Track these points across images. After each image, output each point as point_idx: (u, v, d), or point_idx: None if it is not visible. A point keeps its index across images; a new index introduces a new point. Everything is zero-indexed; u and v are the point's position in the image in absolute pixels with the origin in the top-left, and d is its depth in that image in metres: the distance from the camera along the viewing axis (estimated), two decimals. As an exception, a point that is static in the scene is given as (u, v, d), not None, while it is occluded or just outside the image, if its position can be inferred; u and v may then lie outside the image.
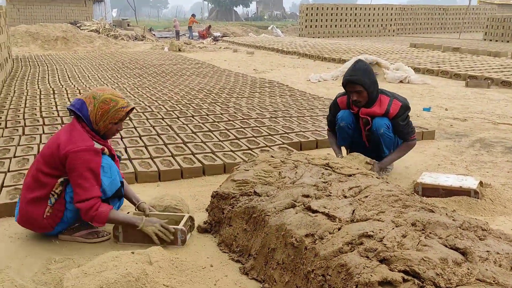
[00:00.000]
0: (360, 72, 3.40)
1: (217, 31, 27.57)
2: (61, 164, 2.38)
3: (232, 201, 2.55)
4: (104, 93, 2.45)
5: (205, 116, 5.46)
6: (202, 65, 11.40)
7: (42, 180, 2.41)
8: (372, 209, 2.10)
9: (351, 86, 3.42)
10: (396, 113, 3.46)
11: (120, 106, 2.47)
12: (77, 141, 2.37)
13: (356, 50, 14.66)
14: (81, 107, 2.43)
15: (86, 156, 2.35)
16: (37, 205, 2.42)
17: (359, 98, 3.43)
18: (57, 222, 2.45)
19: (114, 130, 2.53)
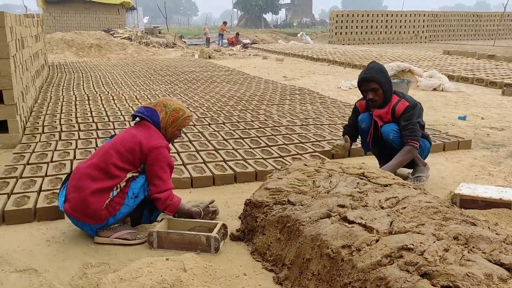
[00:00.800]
0: (374, 70, 3.42)
1: (247, 38, 27.76)
2: (139, 159, 2.59)
3: (265, 209, 2.53)
4: (173, 103, 2.76)
5: (236, 123, 5.48)
6: (232, 72, 11.48)
7: (113, 173, 2.54)
8: (410, 221, 2.04)
9: (366, 84, 3.43)
10: (401, 112, 3.43)
11: (187, 115, 2.78)
12: (157, 138, 2.64)
13: (387, 57, 14.44)
14: (151, 113, 2.69)
15: (166, 153, 2.63)
16: (100, 195, 2.50)
17: (375, 96, 3.43)
18: (111, 215, 2.53)
19: (175, 137, 2.83)
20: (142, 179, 2.60)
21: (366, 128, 3.62)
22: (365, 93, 3.51)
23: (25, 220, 2.85)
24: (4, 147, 4.51)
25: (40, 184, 3.31)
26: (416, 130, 3.40)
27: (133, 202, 2.58)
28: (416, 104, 3.50)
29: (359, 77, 3.50)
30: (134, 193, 2.56)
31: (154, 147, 2.58)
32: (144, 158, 2.58)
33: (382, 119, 3.52)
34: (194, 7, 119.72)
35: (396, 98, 3.50)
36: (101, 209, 2.50)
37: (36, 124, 5.35)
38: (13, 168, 3.68)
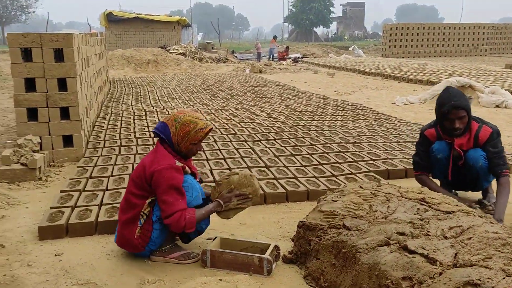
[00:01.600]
0: (462, 97, 3.23)
1: (297, 52, 27.81)
2: (147, 184, 2.52)
3: (319, 233, 2.49)
4: (184, 116, 2.59)
5: (287, 139, 5.46)
6: (283, 87, 11.52)
7: (132, 202, 2.56)
8: (477, 253, 1.93)
9: (456, 112, 3.17)
10: (486, 139, 3.22)
11: (199, 128, 2.58)
12: (160, 160, 2.51)
13: (445, 71, 13.91)
14: (164, 129, 2.59)
15: (168, 174, 2.47)
16: (129, 226, 2.56)
17: (461, 125, 3.20)
18: (146, 242, 2.56)
19: (194, 151, 2.64)
20: None
21: (443, 158, 3.34)
22: (450, 122, 3.23)
23: (87, 233, 2.98)
24: (69, 160, 4.76)
25: (101, 198, 3.46)
26: (505, 158, 3.25)
27: (159, 225, 2.54)
28: (498, 130, 3.29)
29: (446, 106, 3.20)
30: (157, 216, 2.53)
31: (155, 171, 2.47)
32: (149, 183, 2.51)
33: (462, 147, 3.28)
34: (245, 22, 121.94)
35: (475, 124, 3.28)
36: (133, 239, 2.55)
37: (98, 138, 5.62)
38: (77, 181, 3.87)
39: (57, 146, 4.74)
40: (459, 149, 3.29)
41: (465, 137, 3.27)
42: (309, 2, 62.17)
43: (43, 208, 3.46)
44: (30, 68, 4.53)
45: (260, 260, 2.46)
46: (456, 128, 3.21)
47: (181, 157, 2.64)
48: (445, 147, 3.34)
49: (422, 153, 3.48)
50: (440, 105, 3.27)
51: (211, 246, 2.60)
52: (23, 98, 4.56)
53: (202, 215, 2.57)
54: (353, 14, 74.64)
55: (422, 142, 3.50)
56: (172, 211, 2.45)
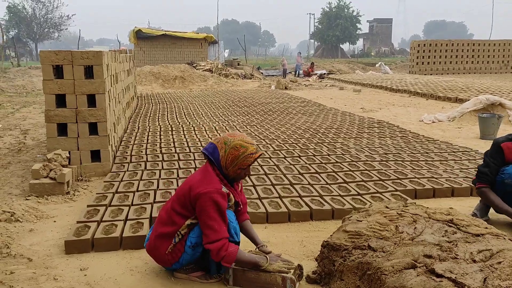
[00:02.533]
0: None
1: (323, 69, 27.81)
2: (190, 204, 2.48)
3: (344, 253, 2.44)
4: (234, 139, 2.52)
5: (311, 156, 5.43)
6: (308, 104, 11.50)
7: (173, 218, 2.54)
8: (507, 278, 1.85)
9: None
10: None
11: (249, 153, 2.51)
12: (208, 183, 2.46)
13: (474, 88, 13.62)
14: (213, 151, 2.54)
15: (215, 198, 2.41)
16: (163, 240, 2.56)
17: None
18: (175, 260, 2.57)
19: (242, 175, 2.58)
20: (199, 229, 2.49)
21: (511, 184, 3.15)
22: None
23: (112, 248, 3.02)
24: (96, 175, 4.87)
25: (126, 213, 3.50)
26: None
27: (192, 251, 2.51)
28: None
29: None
30: (192, 242, 2.50)
31: (201, 193, 2.41)
32: (193, 204, 2.46)
33: None
34: (271, 39, 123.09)
35: None
36: (164, 253, 2.54)
37: (125, 153, 5.73)
38: (103, 196, 3.95)
39: (85, 161, 4.85)
40: None
41: None
42: (335, 19, 62.34)
43: (70, 222, 3.53)
44: (61, 85, 4.68)
45: (283, 279, 2.43)
46: None
47: (228, 181, 2.59)
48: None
49: (492, 165, 3.27)
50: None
51: (234, 264, 2.58)
52: (53, 114, 4.71)
53: (242, 257, 2.47)
54: (380, 31, 74.29)
55: (495, 155, 3.28)
56: (217, 238, 2.39)
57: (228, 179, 2.57)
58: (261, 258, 2.51)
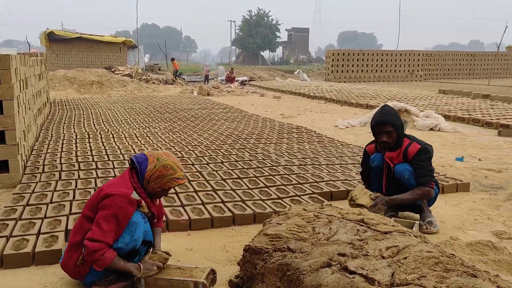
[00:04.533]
0: (389, 114, 3.50)
1: (244, 75, 28.24)
2: (98, 206, 2.43)
3: (265, 256, 2.52)
4: (168, 159, 2.56)
5: (234, 162, 5.51)
6: (230, 110, 11.63)
7: (83, 224, 2.46)
8: (412, 272, 2.04)
9: (381, 127, 3.48)
10: (413, 154, 3.48)
11: (176, 177, 2.56)
12: (119, 186, 2.45)
13: (383, 95, 14.69)
14: (142, 161, 2.54)
15: (119, 202, 2.38)
16: (74, 250, 2.46)
17: (388, 139, 3.48)
18: (86, 271, 2.46)
19: (159, 194, 2.61)
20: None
21: (376, 167, 3.63)
22: (378, 136, 3.55)
23: (24, 264, 2.82)
24: (4, 186, 4.51)
25: (39, 227, 3.29)
26: (431, 172, 3.52)
27: None
28: (427, 148, 3.54)
29: (373, 120, 3.54)
30: None
31: (107, 194, 2.39)
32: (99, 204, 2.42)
33: (392, 160, 3.56)
34: (193, 44, 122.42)
35: (407, 140, 3.56)
36: (74, 265, 2.45)
37: (37, 163, 5.36)
38: (13, 210, 3.67)
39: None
40: (390, 161, 3.55)
41: (396, 152, 3.54)
42: (255, 27, 63.70)
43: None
44: (-38, 90, 4.29)
45: (195, 284, 2.44)
46: (382, 141, 3.50)
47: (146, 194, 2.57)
48: (380, 157, 3.64)
49: (363, 166, 3.84)
50: (371, 120, 3.59)
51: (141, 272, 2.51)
52: (-47, 121, 4.29)
53: (117, 265, 2.41)
54: (298, 39, 77.23)
55: (364, 156, 3.85)
56: (99, 239, 2.33)
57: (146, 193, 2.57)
58: (135, 267, 2.46)
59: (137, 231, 2.49)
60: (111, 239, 2.39)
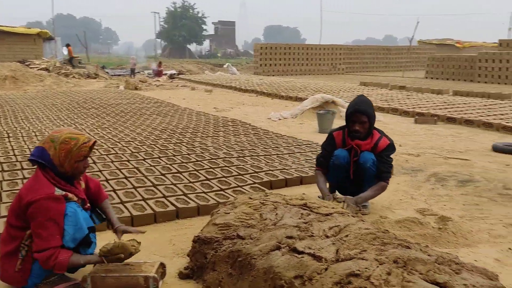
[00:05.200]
0: (366, 104, 3.65)
1: (172, 69, 27.73)
2: (24, 214, 2.34)
3: (215, 245, 2.58)
4: (62, 134, 2.43)
5: (172, 157, 5.46)
6: (162, 104, 11.42)
7: (12, 234, 2.38)
8: (354, 247, 2.22)
9: (357, 116, 3.60)
10: (383, 148, 3.70)
11: (82, 142, 2.44)
12: (37, 189, 2.33)
13: (311, 88, 15.24)
14: (41, 154, 2.41)
15: (46, 205, 2.29)
16: (10, 259, 2.38)
17: (361, 128, 3.64)
18: (28, 275, 2.39)
19: (81, 168, 2.50)
20: None
21: (340, 165, 3.70)
22: (352, 124, 3.66)
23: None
24: None
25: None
26: (391, 168, 3.76)
27: None
28: (393, 144, 3.79)
29: (350, 108, 3.64)
30: None
31: (30, 202, 2.29)
32: (25, 214, 2.32)
33: (360, 147, 3.71)
34: (114, 36, 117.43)
35: (377, 134, 3.75)
36: (13, 272, 2.38)
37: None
38: None
39: None
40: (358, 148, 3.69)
41: (367, 142, 3.72)
42: (180, 19, 62.60)
43: None
44: None
45: (145, 279, 2.43)
46: (356, 130, 3.64)
47: (68, 179, 2.48)
48: (345, 154, 3.73)
49: (326, 152, 3.83)
50: (348, 108, 3.70)
51: (93, 271, 2.47)
52: None
53: (79, 261, 2.40)
54: (224, 33, 77.15)
55: (328, 143, 3.86)
56: (45, 247, 2.27)
57: (67, 178, 2.47)
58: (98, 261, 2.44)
59: (78, 218, 2.40)
60: (58, 241, 2.32)
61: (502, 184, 4.70)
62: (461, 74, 21.48)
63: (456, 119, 8.87)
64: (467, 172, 5.20)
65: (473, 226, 3.55)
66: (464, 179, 4.91)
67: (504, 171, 5.27)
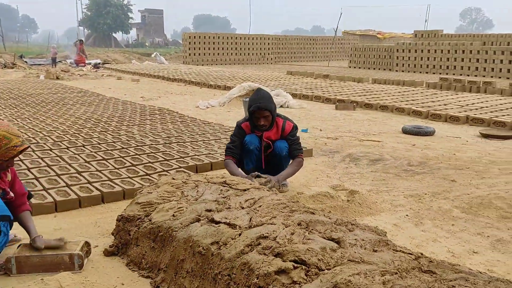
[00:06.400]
0: (267, 99, 3.90)
1: (97, 58, 26.66)
2: None
3: (138, 222, 2.72)
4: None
5: (97, 145, 5.43)
6: (86, 94, 11.07)
7: None
8: (265, 215, 2.47)
9: (260, 112, 3.87)
10: (289, 131, 4.06)
11: (13, 145, 2.48)
12: None
13: (239, 77, 15.48)
14: None
15: None
16: None
17: (265, 122, 3.92)
18: None
19: (4, 166, 2.52)
20: None
21: (254, 149, 3.98)
22: (256, 119, 3.91)
23: None
24: None
25: None
26: (300, 145, 4.11)
27: None
28: (296, 125, 4.15)
29: (253, 106, 3.83)
30: None
31: None
32: None
33: (271, 138, 4.01)
34: (33, 24, 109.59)
35: (281, 120, 4.06)
36: None
37: None
38: None
39: None
40: (268, 140, 4.01)
41: (273, 130, 4.02)
42: (105, 6, 59.91)
43: None
44: None
45: (70, 256, 2.50)
46: (261, 125, 3.93)
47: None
48: (256, 139, 4.01)
49: (236, 142, 4.03)
50: (249, 105, 3.92)
51: (17, 252, 2.51)
52: None
53: None
54: (152, 21, 75.11)
55: (237, 133, 4.08)
56: None
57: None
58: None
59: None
60: None
61: (407, 161, 5.24)
62: (381, 63, 22.90)
63: (372, 105, 9.56)
64: (378, 152, 5.72)
65: (378, 198, 3.98)
66: (375, 158, 5.41)
67: (410, 150, 5.86)
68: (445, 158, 5.40)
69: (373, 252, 2.06)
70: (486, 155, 5.57)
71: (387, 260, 1.93)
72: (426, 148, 5.93)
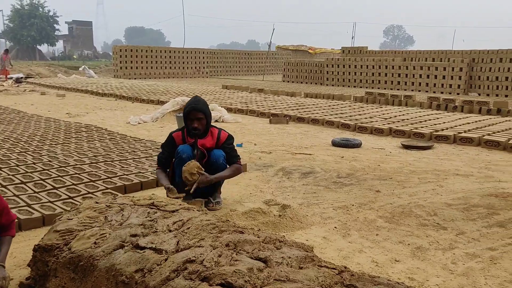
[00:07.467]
0: (201, 103, 3.96)
1: (19, 72, 25.08)
2: None
3: (56, 252, 2.53)
4: None
5: (15, 167, 5.05)
6: (5, 111, 10.33)
7: None
8: (194, 237, 2.40)
9: (195, 113, 3.88)
10: (225, 140, 4.10)
11: None
12: None
13: (173, 91, 15.27)
14: None
15: None
16: None
17: (199, 125, 3.92)
18: None
19: None
20: None
21: (186, 158, 3.93)
22: (190, 122, 3.91)
23: None
24: None
25: None
26: (237, 152, 4.17)
27: None
28: (232, 135, 4.20)
29: (188, 107, 3.89)
30: None
31: None
32: None
33: (205, 146, 4.00)
34: None
35: (216, 129, 4.11)
36: None
37: None
38: None
39: None
40: (203, 148, 4.00)
41: (207, 138, 4.04)
42: (29, 18, 56.80)
43: None
44: None
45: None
46: (195, 127, 3.92)
47: None
48: (188, 148, 4.00)
49: (166, 152, 4.07)
50: (185, 107, 3.97)
51: None
52: None
53: None
54: (80, 33, 72.30)
55: (168, 143, 4.09)
56: None
57: None
58: None
59: None
60: None
61: (337, 173, 5.42)
62: (312, 77, 23.71)
63: (305, 118, 9.83)
64: (309, 165, 5.86)
65: (308, 211, 4.06)
66: (307, 171, 5.53)
67: (339, 162, 6.07)
68: (371, 169, 5.66)
69: (298, 270, 2.07)
70: (407, 165, 5.91)
71: (311, 276, 1.95)
72: (353, 160, 6.18)
